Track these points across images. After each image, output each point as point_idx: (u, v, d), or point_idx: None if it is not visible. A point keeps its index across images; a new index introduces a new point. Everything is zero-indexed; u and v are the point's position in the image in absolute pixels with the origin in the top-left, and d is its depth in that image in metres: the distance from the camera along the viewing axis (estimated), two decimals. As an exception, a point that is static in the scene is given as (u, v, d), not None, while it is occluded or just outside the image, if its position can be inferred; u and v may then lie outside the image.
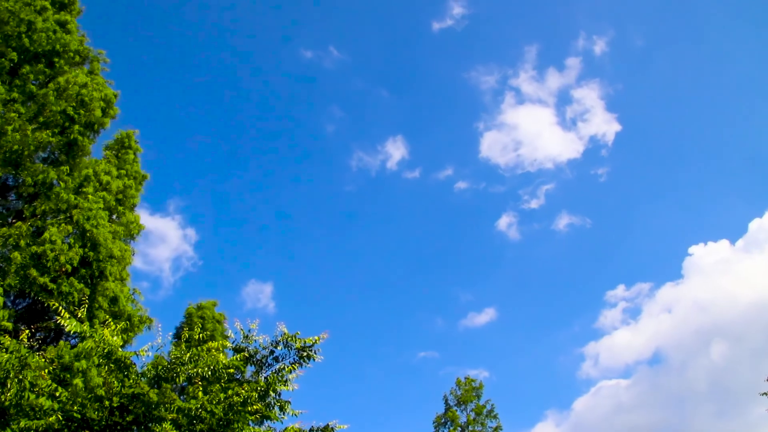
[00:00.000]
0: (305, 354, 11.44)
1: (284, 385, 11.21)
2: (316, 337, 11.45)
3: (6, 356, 9.32)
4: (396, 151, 75.57)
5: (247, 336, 11.65)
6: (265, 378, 11.32)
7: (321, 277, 73.21)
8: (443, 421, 35.53)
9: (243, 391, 10.65)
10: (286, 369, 11.36)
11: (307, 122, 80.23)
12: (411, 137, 79.31)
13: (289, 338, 11.45)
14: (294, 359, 11.48)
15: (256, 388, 10.82)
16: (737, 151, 73.27)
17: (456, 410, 35.83)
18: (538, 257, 73.52)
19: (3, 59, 16.47)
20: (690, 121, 77.30)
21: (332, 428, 11.52)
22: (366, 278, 74.07)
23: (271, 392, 10.98)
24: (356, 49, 79.80)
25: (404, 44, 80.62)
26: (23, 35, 16.94)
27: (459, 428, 34.98)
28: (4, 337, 9.83)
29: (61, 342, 16.12)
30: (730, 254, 60.99)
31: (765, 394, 19.40)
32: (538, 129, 71.05)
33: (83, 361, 13.51)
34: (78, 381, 12.16)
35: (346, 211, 77.58)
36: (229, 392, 10.69)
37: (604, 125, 70.96)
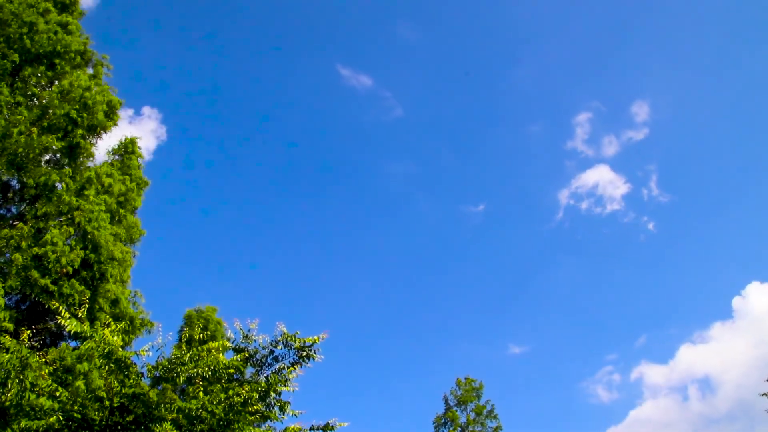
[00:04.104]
0: (305, 354, 11.47)
1: (285, 386, 11.25)
2: (316, 337, 11.46)
3: (7, 356, 9.38)
4: (465, 205, 78.57)
5: (246, 336, 11.69)
6: (265, 378, 11.36)
7: (371, 312, 74.37)
8: (443, 421, 35.42)
9: (243, 391, 10.68)
10: (287, 369, 11.40)
11: (374, 174, 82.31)
12: (478, 193, 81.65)
13: (289, 338, 11.47)
14: (294, 359, 11.52)
15: (257, 388, 10.86)
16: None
17: (456, 410, 35.71)
18: (593, 299, 75.91)
19: (5, 61, 16.51)
20: (750, 171, 78.14)
21: (332, 426, 11.53)
22: (416, 310, 75.82)
23: (271, 392, 11.02)
24: (424, 105, 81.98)
25: (469, 103, 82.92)
26: (25, 36, 16.99)
27: (459, 428, 34.88)
28: (5, 337, 9.89)
29: (64, 344, 16.19)
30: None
31: (765, 394, 19.39)
32: (600, 189, 73.38)
33: (85, 364, 13.57)
34: (80, 383, 12.21)
35: (404, 256, 78.92)
36: (230, 392, 10.73)
37: (661, 190, 74.06)
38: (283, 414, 11.30)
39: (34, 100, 17.39)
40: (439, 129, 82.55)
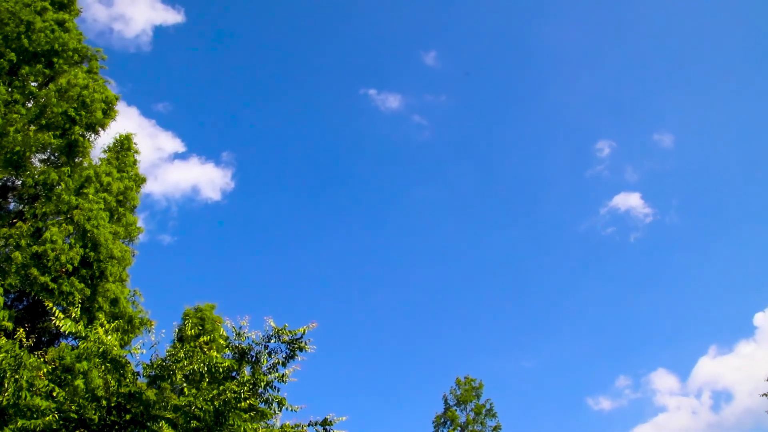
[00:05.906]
0: (296, 346, 11.50)
1: (280, 379, 11.27)
2: (304, 328, 11.48)
3: (1, 356, 9.38)
4: (485, 227, 79.65)
5: (239, 333, 11.69)
6: (252, 372, 11.39)
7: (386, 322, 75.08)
8: (443, 420, 35.25)
9: (234, 386, 10.69)
10: (281, 363, 11.43)
11: (398, 193, 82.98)
12: (500, 217, 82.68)
13: (279, 331, 11.51)
14: (286, 353, 11.55)
15: (245, 380, 10.86)
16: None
17: (455, 410, 35.52)
18: (614, 319, 76.23)
19: (2, 60, 16.49)
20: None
21: (330, 421, 11.53)
22: (424, 315, 76.25)
23: (261, 384, 11.01)
24: (449, 127, 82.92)
25: (493, 128, 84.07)
26: (22, 35, 16.96)
27: (458, 428, 34.73)
28: (1, 338, 9.89)
29: (63, 343, 16.16)
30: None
31: (765, 395, 19.35)
32: (624, 215, 74.22)
33: (84, 363, 13.57)
34: (79, 382, 12.22)
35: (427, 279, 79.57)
36: (221, 388, 10.72)
37: (684, 216, 75.75)
38: (281, 410, 11.31)
39: (32, 98, 17.36)
40: (465, 153, 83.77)
